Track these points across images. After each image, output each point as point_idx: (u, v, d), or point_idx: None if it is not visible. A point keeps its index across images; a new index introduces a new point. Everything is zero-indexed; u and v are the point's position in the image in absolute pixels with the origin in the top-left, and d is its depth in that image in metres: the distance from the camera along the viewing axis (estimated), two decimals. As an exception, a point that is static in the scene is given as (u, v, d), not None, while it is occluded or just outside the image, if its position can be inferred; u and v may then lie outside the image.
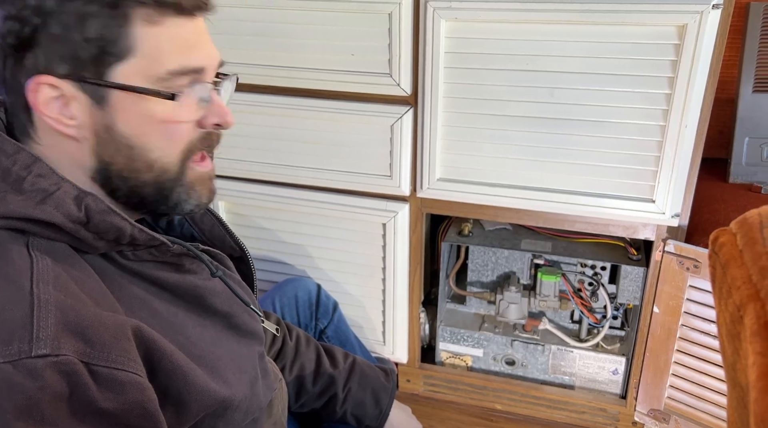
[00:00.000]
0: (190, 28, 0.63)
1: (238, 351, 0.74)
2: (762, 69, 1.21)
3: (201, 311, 0.71)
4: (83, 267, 0.61)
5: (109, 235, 0.61)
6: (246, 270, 0.85)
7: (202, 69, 0.64)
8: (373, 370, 1.10)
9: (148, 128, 0.63)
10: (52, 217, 0.58)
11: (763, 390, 0.30)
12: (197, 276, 0.71)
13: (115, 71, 0.60)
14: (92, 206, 0.60)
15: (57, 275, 0.57)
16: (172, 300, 0.68)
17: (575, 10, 0.98)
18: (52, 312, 0.53)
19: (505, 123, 1.10)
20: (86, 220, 0.59)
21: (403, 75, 1.11)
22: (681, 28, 0.95)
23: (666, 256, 1.10)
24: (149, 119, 0.62)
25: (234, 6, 1.15)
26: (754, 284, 0.35)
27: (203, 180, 0.69)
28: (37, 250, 0.58)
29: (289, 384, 1.01)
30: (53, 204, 0.58)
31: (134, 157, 0.64)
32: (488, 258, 1.32)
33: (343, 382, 1.05)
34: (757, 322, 0.33)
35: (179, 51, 0.62)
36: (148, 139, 0.63)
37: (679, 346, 1.13)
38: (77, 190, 0.60)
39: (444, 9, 1.04)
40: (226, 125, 0.68)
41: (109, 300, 0.61)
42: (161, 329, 0.63)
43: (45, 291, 0.54)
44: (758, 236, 0.38)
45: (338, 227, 1.29)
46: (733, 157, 1.25)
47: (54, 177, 0.60)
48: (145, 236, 0.63)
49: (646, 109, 1.02)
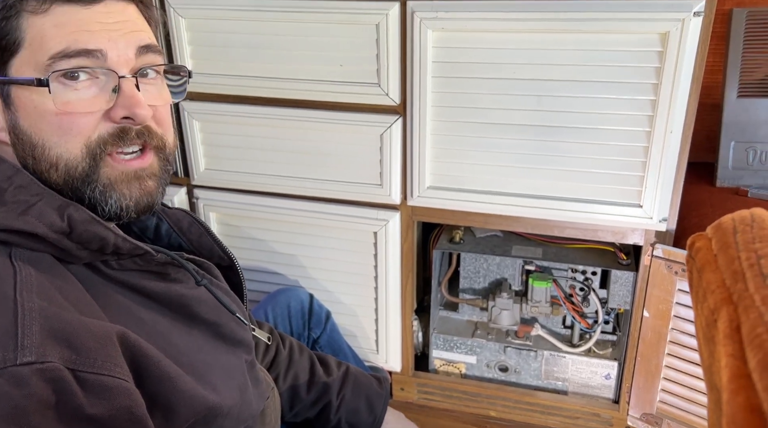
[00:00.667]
0: (85, 15, 0.61)
1: (225, 360, 0.74)
2: (746, 74, 1.22)
3: (187, 320, 0.71)
4: (67, 277, 0.61)
5: (92, 245, 0.61)
6: (235, 279, 0.85)
7: (95, 52, 0.60)
8: (366, 378, 1.11)
9: (43, 123, 0.61)
10: (34, 228, 0.58)
11: (734, 392, 0.31)
12: (183, 285, 0.71)
13: (11, 66, 0.60)
14: (75, 216, 0.60)
15: (40, 284, 0.57)
16: (158, 309, 0.68)
17: (560, 19, 0.99)
18: (37, 320, 0.53)
19: (493, 131, 1.11)
20: (69, 230, 0.59)
21: (391, 85, 1.12)
22: (663, 35, 0.97)
23: (654, 260, 1.11)
24: (43, 113, 0.60)
25: (223, 19, 1.15)
26: (727, 288, 0.36)
27: (127, 178, 0.64)
28: (20, 260, 0.58)
29: (283, 393, 1.01)
30: (35, 214, 0.58)
31: (37, 156, 0.62)
32: (480, 265, 1.33)
33: (337, 390, 1.05)
34: (729, 325, 0.34)
35: (64, 35, 0.60)
36: (46, 136, 0.61)
37: (669, 350, 1.14)
38: (60, 200, 0.60)
39: (431, 19, 1.05)
40: (136, 118, 0.63)
41: (94, 308, 0.60)
42: (147, 337, 0.62)
43: (29, 300, 0.54)
44: (731, 240, 0.39)
45: (330, 236, 1.30)
46: (720, 161, 1.26)
47: (35, 187, 0.60)
48: (128, 245, 0.63)
49: (631, 115, 1.04)
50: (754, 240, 0.37)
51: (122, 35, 0.63)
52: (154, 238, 0.81)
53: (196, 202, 1.34)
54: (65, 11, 0.60)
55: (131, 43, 0.64)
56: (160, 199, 0.69)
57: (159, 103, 0.67)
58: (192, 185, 1.33)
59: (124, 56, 0.63)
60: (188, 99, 1.25)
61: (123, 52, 0.63)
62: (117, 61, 0.62)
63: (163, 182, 0.69)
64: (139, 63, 0.65)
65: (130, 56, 0.63)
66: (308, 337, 1.24)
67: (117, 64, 0.62)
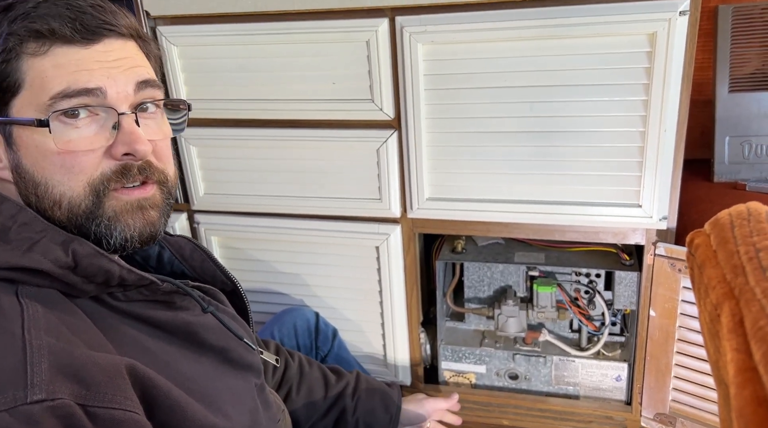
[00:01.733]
0: (84, 54, 0.61)
1: (235, 385, 0.74)
2: (736, 69, 1.23)
3: (195, 347, 0.71)
4: (74, 312, 0.61)
5: (98, 278, 0.61)
6: (240, 303, 0.86)
7: (95, 91, 0.61)
8: (376, 381, 1.14)
9: (46, 162, 0.61)
10: (39, 264, 0.58)
11: (741, 386, 0.31)
12: (189, 313, 0.71)
13: (12, 106, 0.61)
14: (80, 250, 0.60)
15: (48, 320, 0.57)
16: (166, 338, 0.68)
17: (547, 25, 1.00)
18: (45, 357, 0.53)
19: (488, 139, 1.12)
20: (74, 265, 0.60)
21: (385, 99, 1.13)
22: (651, 35, 0.98)
23: (658, 259, 1.11)
24: (45, 152, 0.61)
25: (214, 44, 1.17)
26: (728, 282, 0.37)
27: (130, 208, 0.65)
28: (26, 298, 0.58)
29: (299, 407, 1.01)
30: (40, 251, 0.59)
31: (41, 194, 0.62)
32: (483, 273, 1.33)
33: (351, 392, 1.06)
34: (732, 320, 0.34)
35: (64, 75, 0.60)
36: (49, 174, 0.62)
37: (678, 348, 1.14)
38: (64, 235, 0.60)
39: (419, 33, 1.06)
40: (137, 154, 0.63)
41: (102, 342, 0.61)
42: (156, 367, 0.63)
43: (37, 337, 0.54)
44: (729, 235, 0.39)
45: (332, 253, 1.30)
46: (716, 157, 1.26)
47: (39, 224, 0.60)
48: (134, 276, 0.63)
49: (624, 116, 1.04)
50: (751, 234, 0.38)
51: (121, 72, 0.63)
52: (156, 267, 0.81)
53: (197, 227, 1.34)
54: (65, 52, 0.61)
55: (130, 79, 0.64)
56: (162, 229, 0.69)
57: (159, 138, 0.68)
58: (192, 210, 1.34)
59: (123, 92, 0.63)
60: (184, 125, 1.26)
61: (122, 89, 0.63)
62: (116, 98, 0.63)
63: (165, 213, 0.69)
64: (138, 98, 0.65)
65: (129, 92, 0.64)
66: (316, 356, 1.24)
67: (116, 101, 0.63)
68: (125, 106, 0.64)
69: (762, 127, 1.24)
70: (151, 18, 1.18)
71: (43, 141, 0.61)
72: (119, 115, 0.63)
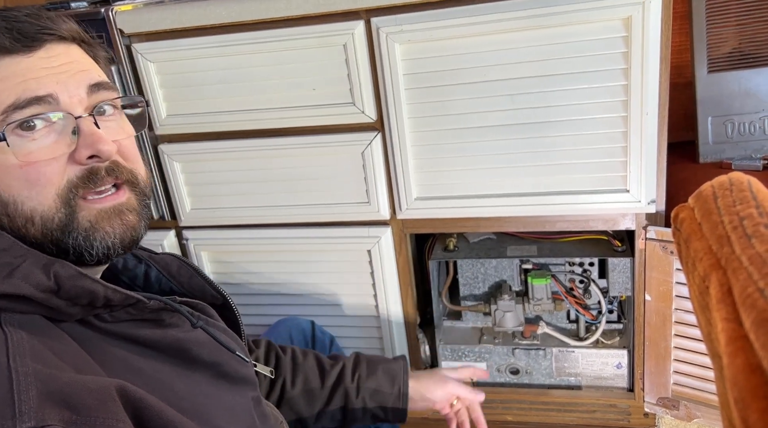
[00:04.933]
0: (29, 63, 0.60)
1: (230, 400, 0.72)
2: (713, 49, 1.23)
3: (187, 364, 0.69)
4: (60, 337, 0.59)
5: (82, 300, 0.60)
6: (231, 316, 0.84)
7: (46, 98, 0.59)
8: (378, 356, 1.05)
9: (10, 178, 0.59)
10: (20, 290, 0.56)
11: (732, 354, 0.30)
12: (179, 330, 0.69)
13: None
14: (62, 273, 0.58)
15: (33, 347, 0.55)
16: (156, 357, 0.66)
17: (521, 17, 1.00)
18: (33, 384, 0.52)
19: (472, 135, 1.11)
20: (57, 288, 0.58)
21: (366, 102, 1.13)
22: (626, 20, 0.98)
23: (649, 243, 1.11)
24: (7, 169, 0.59)
25: (191, 58, 1.16)
26: (714, 253, 0.36)
27: (107, 215, 0.63)
28: (9, 326, 0.56)
29: (298, 398, 0.98)
30: (20, 276, 0.56)
31: (11, 213, 0.60)
32: (477, 270, 1.33)
33: (351, 372, 1.00)
34: (720, 290, 0.34)
35: (12, 86, 0.58)
36: (15, 191, 0.60)
37: (676, 330, 1.14)
38: (45, 259, 0.59)
39: (396, 33, 1.06)
40: (102, 154, 0.61)
41: (91, 365, 0.59)
42: (147, 387, 0.61)
43: (23, 364, 0.53)
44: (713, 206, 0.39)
45: (324, 260, 1.29)
46: (700, 138, 1.27)
47: (18, 249, 0.58)
48: (119, 296, 0.62)
49: (606, 103, 1.04)
50: (734, 203, 0.37)
51: (71, 76, 0.62)
52: (144, 286, 0.80)
53: (186, 243, 1.33)
54: (8, 63, 0.59)
55: (81, 82, 0.62)
56: (143, 233, 0.67)
57: (122, 136, 0.66)
58: (180, 227, 1.33)
59: (76, 97, 0.62)
60: (167, 141, 1.25)
61: (74, 93, 0.62)
62: (70, 103, 0.61)
63: (144, 216, 0.67)
64: (93, 101, 0.63)
65: (82, 96, 0.62)
66: (315, 364, 1.23)
67: (71, 106, 0.61)
68: (81, 110, 0.62)
69: (744, 105, 1.24)
70: (125, 36, 1.17)
71: (4, 158, 0.59)
72: (76, 118, 0.61)
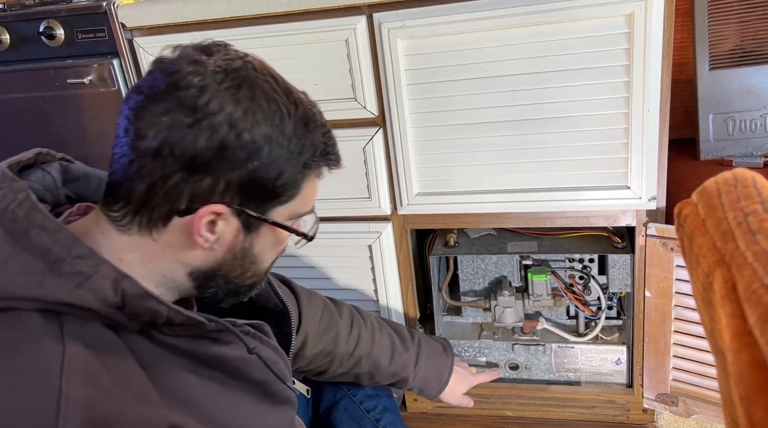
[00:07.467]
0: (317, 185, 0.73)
1: (272, 423, 0.75)
2: (715, 46, 1.23)
3: (236, 382, 0.71)
4: (118, 350, 0.60)
5: (144, 317, 0.61)
6: (286, 327, 0.87)
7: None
8: (435, 348, 1.20)
9: (272, 250, 0.71)
10: (89, 303, 0.57)
11: (737, 351, 0.31)
12: (232, 347, 0.70)
13: (274, 209, 0.66)
14: (129, 290, 0.59)
15: (88, 365, 0.56)
16: (207, 373, 0.68)
17: (523, 13, 1.00)
18: (79, 412, 0.52)
19: (473, 131, 1.11)
20: (122, 304, 0.59)
21: (367, 97, 1.13)
22: (629, 16, 0.98)
23: (650, 240, 1.11)
24: (275, 243, 0.70)
25: (193, 52, 1.16)
26: (719, 249, 0.36)
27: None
28: (70, 337, 0.57)
29: (365, 372, 1.10)
30: (90, 288, 0.57)
31: (249, 268, 0.69)
32: (477, 265, 1.33)
33: (413, 364, 1.14)
34: (724, 286, 0.34)
35: (312, 197, 0.71)
36: (267, 257, 0.71)
37: (676, 327, 1.14)
38: (115, 273, 0.59)
39: (398, 28, 1.05)
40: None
41: (144, 384, 0.60)
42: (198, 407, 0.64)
43: (73, 387, 0.53)
44: (717, 203, 0.39)
45: (325, 255, 1.29)
46: (701, 135, 1.27)
47: (93, 258, 0.59)
48: (181, 317, 0.63)
49: (608, 99, 1.04)
50: (739, 200, 0.38)
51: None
52: None
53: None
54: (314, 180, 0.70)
55: None
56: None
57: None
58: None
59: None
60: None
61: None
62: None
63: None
64: None
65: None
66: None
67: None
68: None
69: (745, 103, 1.24)
70: (127, 29, 1.17)
71: (281, 237, 0.70)
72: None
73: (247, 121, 0.60)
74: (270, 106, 0.62)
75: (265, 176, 0.62)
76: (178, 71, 0.59)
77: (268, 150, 0.61)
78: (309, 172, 0.67)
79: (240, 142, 0.60)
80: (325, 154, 0.68)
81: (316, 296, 1.07)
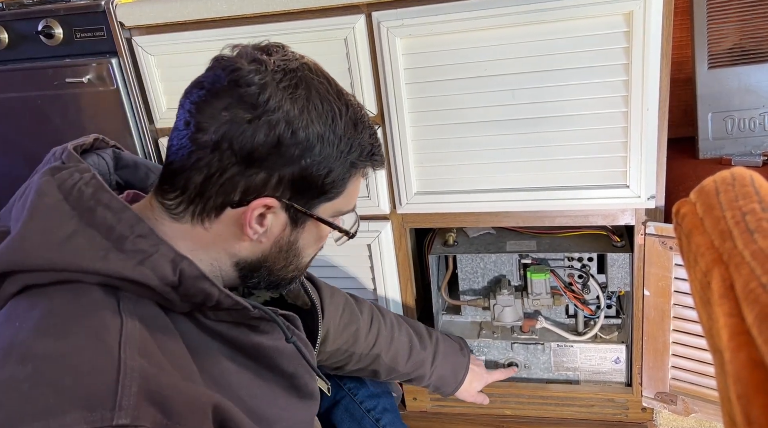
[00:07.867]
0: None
1: (297, 415, 0.77)
2: (713, 45, 1.23)
3: (268, 372, 0.73)
4: (167, 329, 0.63)
5: (196, 299, 0.63)
6: (312, 324, 0.89)
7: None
8: (452, 347, 1.23)
9: (314, 245, 0.74)
10: (148, 280, 0.60)
11: (735, 350, 0.31)
12: (268, 337, 0.73)
13: (320, 206, 0.69)
14: (186, 271, 0.61)
15: (143, 339, 0.58)
16: (243, 361, 0.70)
17: (522, 12, 1.00)
18: (136, 381, 0.54)
19: (472, 130, 1.11)
20: (178, 284, 0.61)
21: (366, 96, 1.13)
22: (628, 15, 0.98)
23: (648, 239, 1.11)
24: (318, 239, 0.74)
25: (192, 52, 1.16)
26: (717, 248, 0.36)
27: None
28: (127, 311, 0.59)
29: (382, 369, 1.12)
30: (150, 266, 0.60)
31: (292, 261, 0.73)
32: (476, 264, 1.33)
33: (430, 363, 1.17)
34: (722, 285, 0.34)
35: (356, 195, 0.74)
36: (309, 251, 0.74)
37: (675, 326, 1.14)
38: (174, 253, 0.61)
39: (397, 27, 1.05)
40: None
41: (189, 364, 0.62)
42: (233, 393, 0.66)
43: (131, 357, 0.56)
44: (715, 201, 0.39)
45: (324, 255, 1.29)
46: (700, 134, 1.27)
47: (154, 238, 0.61)
48: (230, 301, 0.65)
49: (606, 98, 1.04)
50: (737, 198, 0.38)
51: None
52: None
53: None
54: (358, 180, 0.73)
55: None
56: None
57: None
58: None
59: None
60: (167, 135, 1.25)
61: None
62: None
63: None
64: None
65: None
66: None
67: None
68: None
69: (743, 102, 1.24)
70: (125, 28, 1.17)
71: (321, 235, 0.73)
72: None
73: (302, 119, 0.63)
74: (324, 106, 0.65)
75: (315, 173, 0.65)
76: (240, 69, 0.62)
77: (320, 148, 0.64)
78: (355, 171, 0.70)
79: (295, 139, 0.62)
80: (371, 154, 0.71)
81: (338, 292, 1.09)
